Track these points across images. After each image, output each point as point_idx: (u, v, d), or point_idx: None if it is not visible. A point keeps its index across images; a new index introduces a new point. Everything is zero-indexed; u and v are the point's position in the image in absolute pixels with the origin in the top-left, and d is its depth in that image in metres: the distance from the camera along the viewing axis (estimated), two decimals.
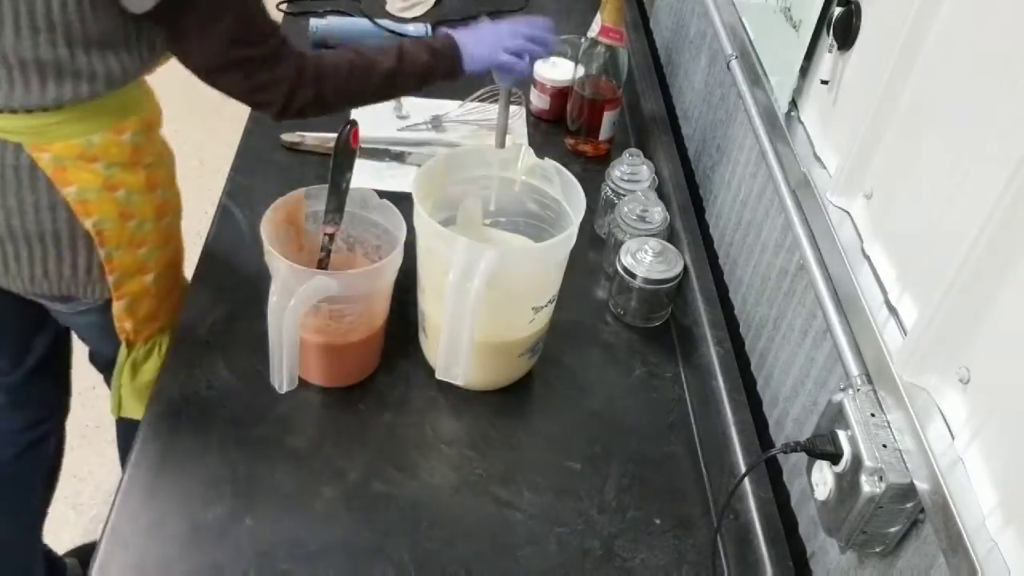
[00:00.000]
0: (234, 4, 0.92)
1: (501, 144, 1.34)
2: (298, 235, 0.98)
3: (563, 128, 1.44)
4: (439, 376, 0.92)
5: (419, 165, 1.35)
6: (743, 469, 0.93)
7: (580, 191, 0.94)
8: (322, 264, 0.95)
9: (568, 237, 0.90)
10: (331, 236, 0.95)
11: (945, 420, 0.66)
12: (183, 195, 1.14)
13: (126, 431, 1.24)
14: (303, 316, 0.87)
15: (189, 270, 1.16)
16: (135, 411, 1.16)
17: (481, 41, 1.09)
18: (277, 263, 0.87)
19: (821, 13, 0.92)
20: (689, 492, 0.96)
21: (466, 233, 1.02)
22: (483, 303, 0.86)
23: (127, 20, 0.90)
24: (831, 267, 0.83)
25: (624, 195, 1.20)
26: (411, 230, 0.94)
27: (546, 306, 0.97)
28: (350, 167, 0.93)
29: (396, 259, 0.92)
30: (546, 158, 0.98)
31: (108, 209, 0.98)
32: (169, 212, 1.09)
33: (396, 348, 1.06)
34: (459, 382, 0.92)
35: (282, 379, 0.90)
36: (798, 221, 0.90)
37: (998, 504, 0.59)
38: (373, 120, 1.44)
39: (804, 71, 0.97)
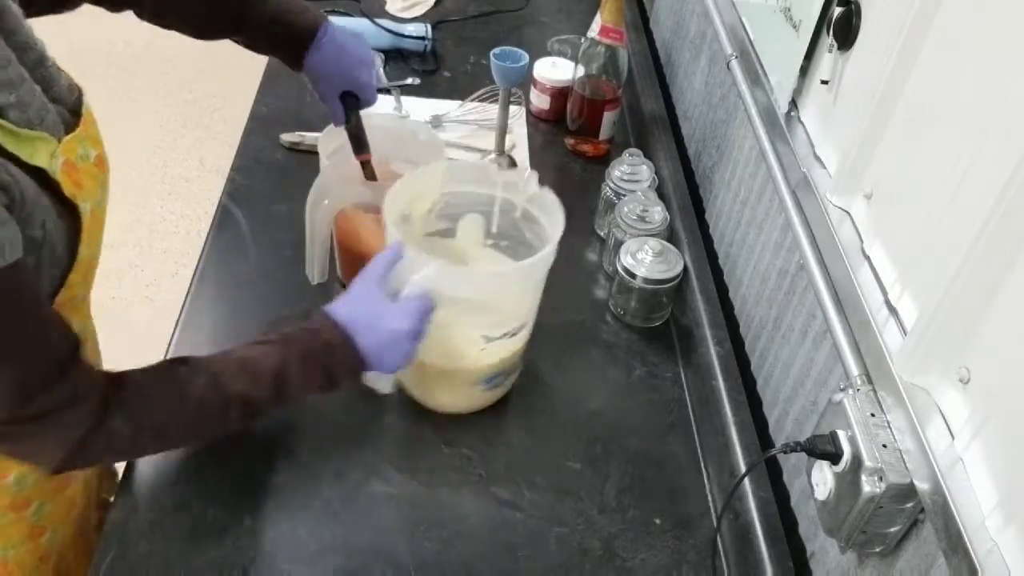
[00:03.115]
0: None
1: (501, 144, 1.34)
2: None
3: (563, 128, 1.44)
4: (364, 380, 0.87)
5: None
6: (743, 469, 0.93)
7: (559, 226, 0.88)
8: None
9: (522, 267, 0.86)
10: (365, 163, 1.00)
11: (945, 420, 0.66)
12: (184, 195, 1.13)
13: None
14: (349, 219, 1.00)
15: (188, 269, 1.16)
16: None
17: (386, 367, 0.84)
18: (323, 165, 0.98)
19: (821, 13, 0.92)
20: (689, 492, 0.96)
21: (463, 249, 1.00)
22: None
23: None
24: (831, 267, 0.83)
25: (624, 195, 1.20)
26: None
27: (501, 339, 0.91)
28: (352, 104, 0.98)
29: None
30: (545, 187, 0.92)
31: None
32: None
33: None
34: (385, 391, 0.89)
35: (313, 272, 1.00)
36: (798, 221, 0.90)
37: (998, 504, 0.59)
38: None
39: (804, 71, 0.97)
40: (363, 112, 1.01)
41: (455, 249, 1.01)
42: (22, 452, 0.73)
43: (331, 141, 1.01)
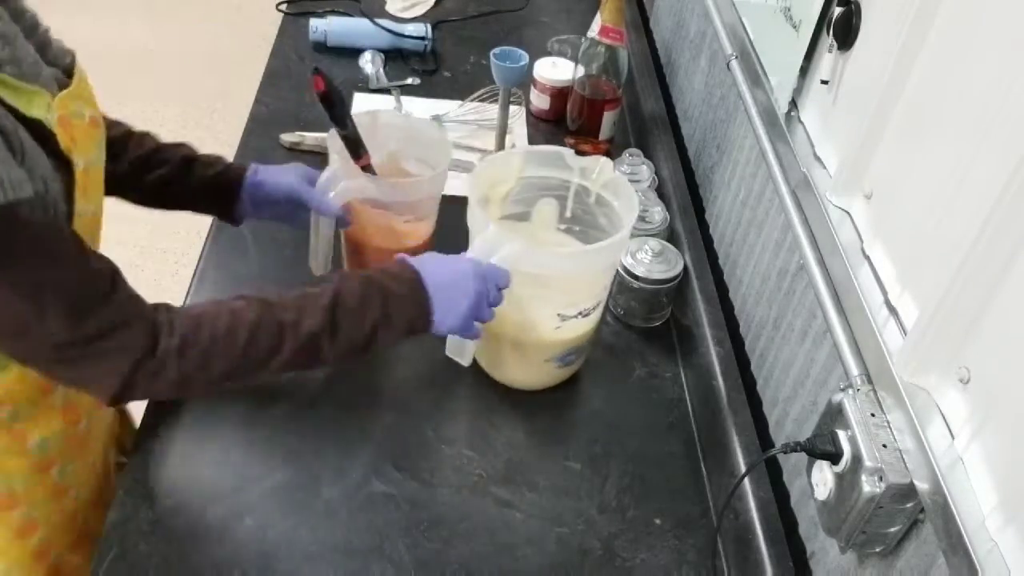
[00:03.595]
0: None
1: (501, 144, 1.34)
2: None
3: (563, 128, 1.44)
4: (447, 352, 0.94)
5: None
6: (743, 469, 0.93)
7: (631, 213, 0.92)
8: None
9: (599, 249, 0.89)
10: (365, 167, 0.99)
11: (945, 420, 0.66)
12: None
13: None
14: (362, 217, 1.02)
15: (188, 269, 1.16)
16: None
17: (451, 310, 0.83)
18: (332, 159, 0.99)
19: (821, 13, 0.92)
20: (689, 492, 0.96)
21: (536, 233, 1.02)
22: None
23: None
24: (831, 267, 0.83)
25: None
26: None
27: (575, 318, 0.94)
28: (337, 112, 0.95)
29: (435, 179, 1.00)
30: (619, 171, 0.97)
31: None
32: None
33: (395, 350, 1.06)
34: (465, 363, 0.94)
35: (315, 263, 1.04)
36: (798, 221, 0.90)
37: (998, 504, 0.59)
38: None
39: (804, 71, 0.97)
40: (374, 110, 1.04)
41: (529, 232, 1.03)
42: (81, 379, 0.75)
43: (338, 139, 1.02)
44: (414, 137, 1.06)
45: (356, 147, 0.98)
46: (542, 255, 0.90)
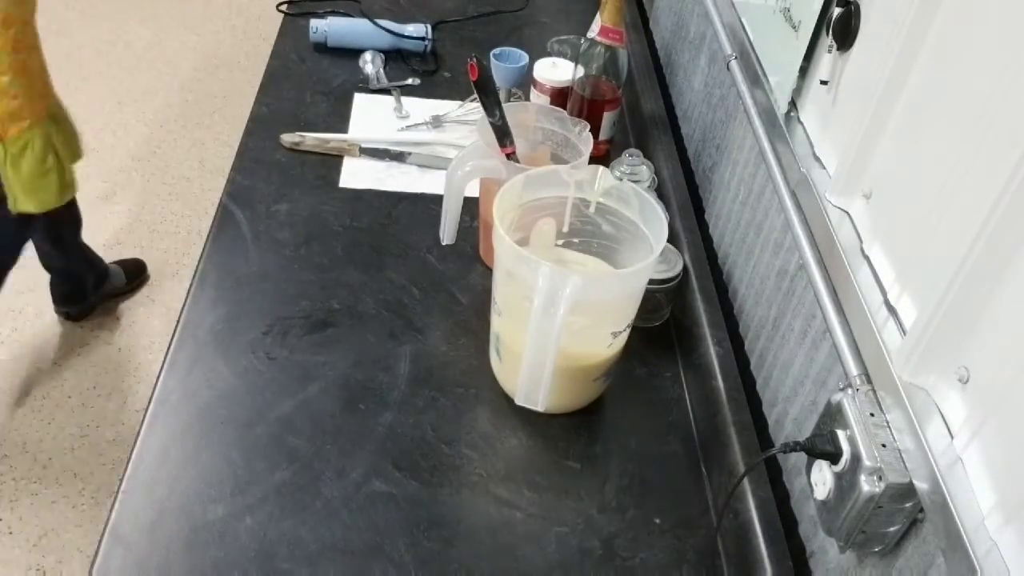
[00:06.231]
0: None
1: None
2: None
3: None
4: (519, 402, 0.92)
5: (419, 165, 1.35)
6: (743, 469, 0.93)
7: (660, 215, 0.92)
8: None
9: (650, 264, 0.89)
10: (510, 154, 1.05)
11: (944, 420, 0.66)
12: (184, 195, 1.15)
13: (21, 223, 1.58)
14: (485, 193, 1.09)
15: (188, 269, 1.16)
16: (28, 205, 1.46)
17: None
18: (475, 138, 1.05)
19: (821, 13, 0.92)
20: (689, 492, 0.96)
21: (541, 255, 1.01)
22: (566, 329, 0.84)
23: None
24: (830, 267, 0.83)
25: None
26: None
27: (624, 330, 0.96)
28: (490, 100, 1.01)
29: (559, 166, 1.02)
30: (624, 179, 0.98)
31: None
32: (24, 48, 1.39)
33: (392, 349, 1.06)
34: (540, 408, 0.92)
35: (443, 233, 1.09)
36: (797, 221, 0.90)
37: (997, 504, 0.59)
38: (373, 121, 1.44)
39: (804, 71, 0.97)
40: (527, 103, 1.08)
41: (557, 257, 1.03)
42: None
43: (488, 126, 1.08)
44: (569, 143, 1.11)
45: (503, 136, 1.02)
46: (608, 281, 0.91)
